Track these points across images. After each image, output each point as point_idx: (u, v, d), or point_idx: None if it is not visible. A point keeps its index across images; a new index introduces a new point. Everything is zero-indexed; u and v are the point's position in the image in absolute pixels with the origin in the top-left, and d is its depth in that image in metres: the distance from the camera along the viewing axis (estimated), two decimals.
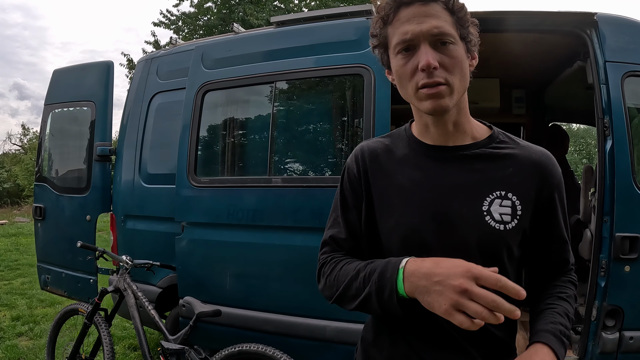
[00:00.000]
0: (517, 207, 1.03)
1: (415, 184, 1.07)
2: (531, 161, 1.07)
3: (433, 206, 1.04)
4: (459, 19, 0.98)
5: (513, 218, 1.03)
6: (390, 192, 1.10)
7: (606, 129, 2.46)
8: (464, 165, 1.06)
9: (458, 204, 1.03)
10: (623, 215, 2.41)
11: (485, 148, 1.07)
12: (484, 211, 1.02)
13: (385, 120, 2.62)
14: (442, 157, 1.07)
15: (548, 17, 2.65)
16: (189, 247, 3.05)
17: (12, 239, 10.69)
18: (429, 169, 1.07)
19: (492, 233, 1.02)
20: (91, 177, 3.68)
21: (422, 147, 1.10)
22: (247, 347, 2.53)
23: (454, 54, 0.97)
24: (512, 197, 1.03)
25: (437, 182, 1.05)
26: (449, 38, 0.96)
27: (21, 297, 5.71)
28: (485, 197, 1.03)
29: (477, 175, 1.05)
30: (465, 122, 1.08)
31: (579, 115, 5.05)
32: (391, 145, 1.15)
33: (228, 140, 3.23)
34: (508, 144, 1.09)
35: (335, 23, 2.87)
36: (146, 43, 17.32)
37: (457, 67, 0.97)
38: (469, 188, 1.04)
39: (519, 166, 1.06)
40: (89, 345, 3.12)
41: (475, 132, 1.10)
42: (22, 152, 28.50)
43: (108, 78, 3.74)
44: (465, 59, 1.00)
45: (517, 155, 1.07)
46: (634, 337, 2.45)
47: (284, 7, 14.08)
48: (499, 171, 1.05)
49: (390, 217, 1.08)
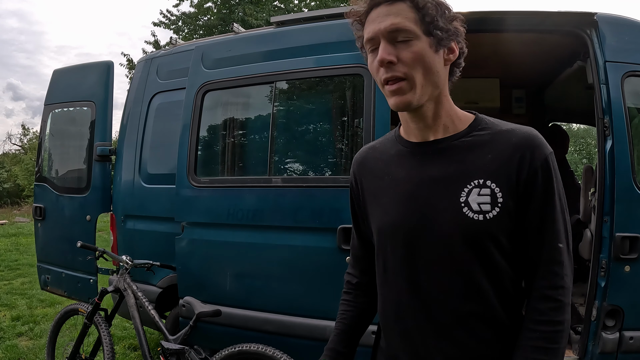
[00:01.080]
0: (497, 194, 1.00)
1: (399, 182, 1.10)
2: (511, 144, 1.02)
3: (414, 202, 1.06)
4: (424, 15, 1.00)
5: (494, 207, 1.00)
6: (378, 192, 1.15)
7: (606, 129, 2.46)
8: (443, 158, 1.05)
9: (437, 198, 1.03)
10: (623, 215, 2.41)
11: (464, 138, 1.06)
12: (462, 202, 1.01)
13: (385, 120, 2.61)
14: (422, 153, 1.08)
15: (548, 17, 2.64)
16: (189, 247, 3.05)
17: (12, 239, 10.69)
18: (412, 166, 1.09)
19: (472, 224, 1.00)
20: (91, 177, 3.68)
21: (407, 145, 1.12)
22: (247, 347, 2.53)
23: (413, 49, 0.99)
24: (492, 184, 1.00)
25: (417, 178, 1.07)
26: (407, 34, 0.99)
27: (21, 297, 5.71)
28: (463, 188, 1.02)
29: (455, 167, 1.04)
30: (444, 115, 1.07)
31: (579, 115, 5.05)
32: (381, 148, 1.19)
33: (228, 140, 3.23)
34: (489, 130, 1.06)
35: (335, 23, 2.87)
36: (146, 43, 17.36)
37: (418, 62, 0.99)
38: (446, 181, 1.03)
39: (498, 151, 1.02)
40: (89, 345, 3.12)
41: (457, 123, 1.08)
42: (22, 152, 28.50)
43: (108, 78, 3.74)
44: (429, 53, 1.00)
45: (496, 140, 1.03)
46: (634, 337, 2.45)
47: (284, 7, 14.09)
48: (478, 160, 1.03)
49: (377, 216, 1.14)
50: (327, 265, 2.68)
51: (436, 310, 1.04)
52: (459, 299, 1.02)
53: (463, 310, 1.03)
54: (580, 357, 2.53)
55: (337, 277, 2.64)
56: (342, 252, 2.61)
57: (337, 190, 2.69)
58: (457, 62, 1.07)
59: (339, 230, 2.62)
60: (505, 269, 1.03)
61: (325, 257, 2.68)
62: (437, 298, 1.04)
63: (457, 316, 1.03)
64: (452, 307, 1.03)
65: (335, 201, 2.68)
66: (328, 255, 2.66)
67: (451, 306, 1.03)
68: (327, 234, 2.66)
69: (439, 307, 1.04)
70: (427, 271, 1.05)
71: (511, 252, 1.03)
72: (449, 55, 1.04)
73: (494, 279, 1.02)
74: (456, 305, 1.03)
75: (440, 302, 1.04)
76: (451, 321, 1.03)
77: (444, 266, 1.03)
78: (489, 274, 1.02)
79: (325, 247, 2.67)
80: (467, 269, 1.01)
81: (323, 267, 2.69)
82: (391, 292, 1.12)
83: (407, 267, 1.07)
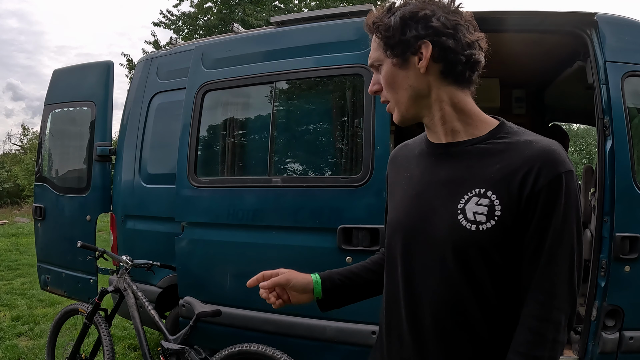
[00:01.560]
0: (496, 207, 0.95)
1: (413, 181, 1.11)
2: (523, 156, 0.95)
3: (419, 202, 1.06)
4: (382, 38, 1.03)
5: (489, 219, 0.95)
6: (396, 188, 1.17)
7: (606, 129, 2.46)
8: (453, 162, 1.04)
9: (439, 201, 1.02)
10: (623, 215, 2.41)
11: (480, 144, 1.02)
12: (459, 209, 0.98)
13: (385, 121, 2.61)
14: (436, 154, 1.08)
15: (548, 17, 2.64)
16: (189, 247, 3.05)
17: (12, 239, 10.68)
18: (426, 166, 1.09)
19: (462, 232, 0.97)
20: (91, 177, 3.68)
21: (428, 146, 1.12)
22: (247, 347, 2.54)
23: (382, 74, 1.05)
24: (492, 195, 0.96)
25: (427, 178, 1.07)
26: (376, 63, 1.06)
27: (21, 297, 5.71)
28: (463, 195, 0.99)
29: (461, 172, 1.01)
30: (452, 120, 1.04)
31: (579, 115, 5.05)
32: (411, 146, 1.20)
33: (228, 140, 3.23)
34: (508, 139, 1.00)
35: (335, 23, 2.87)
36: (146, 43, 17.34)
37: (388, 85, 1.05)
38: (451, 185, 1.02)
39: (508, 162, 0.96)
40: (89, 345, 3.12)
41: (475, 128, 1.04)
42: (22, 152, 28.49)
43: (108, 78, 3.74)
44: (394, 72, 1.03)
45: (510, 150, 0.98)
46: (634, 337, 2.45)
47: (284, 7, 14.08)
48: (485, 168, 0.98)
49: (390, 210, 1.17)
50: (327, 266, 2.65)
51: (422, 312, 1.04)
52: (443, 306, 1.01)
53: (445, 318, 1.01)
54: (580, 357, 2.53)
55: None
56: (342, 252, 2.61)
57: (337, 190, 2.69)
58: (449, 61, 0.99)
59: (339, 230, 2.62)
60: (493, 284, 0.97)
61: (325, 257, 2.68)
62: (425, 300, 1.03)
63: (439, 322, 1.01)
64: (436, 312, 1.02)
65: (335, 201, 2.68)
66: (328, 255, 2.66)
67: (435, 311, 1.02)
68: (327, 234, 2.66)
69: (425, 309, 1.03)
70: (420, 272, 1.04)
71: (503, 268, 0.97)
72: (421, 63, 0.99)
73: (478, 292, 0.98)
74: (440, 312, 1.01)
75: (427, 305, 1.03)
76: (432, 326, 1.02)
77: (433, 270, 1.02)
78: (474, 286, 0.98)
79: (325, 247, 2.67)
80: (453, 278, 0.99)
81: (323, 267, 2.66)
82: (389, 284, 1.14)
83: (404, 264, 1.08)
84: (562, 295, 0.93)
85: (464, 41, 0.99)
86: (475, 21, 1.02)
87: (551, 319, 0.93)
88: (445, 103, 1.03)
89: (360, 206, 2.61)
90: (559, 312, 0.93)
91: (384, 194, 2.58)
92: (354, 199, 2.62)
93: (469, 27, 1.00)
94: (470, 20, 1.01)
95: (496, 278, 0.97)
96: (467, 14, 1.01)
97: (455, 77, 1.02)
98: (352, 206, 2.63)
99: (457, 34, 0.98)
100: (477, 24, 1.03)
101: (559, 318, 0.93)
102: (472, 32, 1.00)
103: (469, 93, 1.05)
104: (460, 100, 1.03)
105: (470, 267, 0.97)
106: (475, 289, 0.98)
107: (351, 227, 2.61)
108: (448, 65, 1.00)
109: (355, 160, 2.76)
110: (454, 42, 0.98)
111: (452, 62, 1.00)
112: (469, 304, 0.98)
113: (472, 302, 0.98)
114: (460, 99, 1.03)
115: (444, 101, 1.03)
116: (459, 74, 1.01)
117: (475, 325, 0.99)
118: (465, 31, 0.99)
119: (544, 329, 0.92)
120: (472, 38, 1.00)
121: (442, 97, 1.03)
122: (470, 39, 0.99)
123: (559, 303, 0.93)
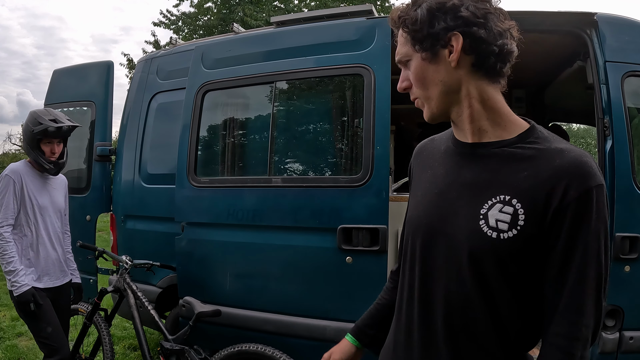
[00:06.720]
0: (520, 216, 0.91)
1: (437, 179, 1.07)
2: (552, 166, 0.90)
3: (440, 202, 1.03)
4: (409, 32, 0.99)
5: (511, 228, 0.91)
6: (418, 184, 1.14)
7: (606, 129, 2.46)
8: (479, 163, 0.99)
9: (462, 203, 0.99)
10: (623, 215, 2.41)
11: (508, 147, 0.97)
12: (481, 214, 0.95)
13: (385, 120, 2.62)
14: (461, 153, 1.04)
15: (548, 17, 2.65)
16: (189, 247, 3.05)
17: None
18: (450, 165, 1.05)
19: (482, 238, 0.93)
20: (91, 177, 3.68)
21: (454, 144, 1.07)
22: (247, 347, 2.54)
23: (412, 70, 1.02)
24: (517, 204, 0.91)
25: (450, 179, 1.03)
26: (404, 59, 1.02)
27: None
28: (487, 200, 0.95)
29: (487, 176, 0.97)
30: (481, 118, 0.99)
31: (579, 115, 5.05)
32: (438, 141, 1.16)
33: (228, 140, 3.23)
34: (537, 145, 0.95)
35: (335, 23, 2.87)
36: (146, 43, 17.34)
37: (417, 80, 1.01)
38: (475, 188, 0.98)
39: (536, 170, 0.91)
40: (89, 345, 3.12)
41: (504, 130, 0.99)
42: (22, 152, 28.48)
43: (108, 78, 3.74)
44: (423, 67, 0.99)
45: (539, 157, 0.93)
46: (634, 337, 2.45)
47: (284, 7, 14.07)
48: (512, 174, 0.94)
49: (410, 207, 1.14)
50: (327, 266, 2.68)
51: (435, 315, 1.02)
52: (456, 311, 0.98)
53: (456, 324, 0.98)
54: None
55: (337, 277, 2.65)
56: (342, 252, 2.61)
57: (337, 190, 2.68)
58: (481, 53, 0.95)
59: (339, 230, 2.62)
60: (506, 295, 0.94)
61: (325, 257, 2.68)
62: (438, 303, 1.01)
63: (449, 328, 0.99)
64: (448, 316, 0.99)
65: (335, 201, 2.68)
66: (328, 256, 2.66)
67: (447, 315, 1.00)
68: (327, 234, 2.66)
69: (437, 312, 1.01)
70: (436, 273, 1.02)
71: (518, 279, 0.94)
72: (452, 56, 0.95)
73: (490, 302, 0.95)
74: (451, 317, 0.99)
75: (439, 307, 1.01)
76: (443, 330, 1.00)
77: (449, 273, 0.99)
78: (486, 295, 0.95)
79: (325, 247, 2.67)
80: (467, 284, 0.96)
81: (323, 267, 2.69)
82: (405, 283, 1.11)
83: (421, 263, 1.05)
84: (590, 312, 0.91)
85: (496, 30, 0.94)
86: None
87: (580, 338, 0.90)
88: (475, 99, 0.99)
89: (360, 206, 2.61)
90: (587, 330, 0.91)
91: (384, 194, 2.58)
92: (354, 199, 2.62)
93: (499, 15, 0.95)
94: (499, 7, 0.96)
95: (510, 289, 0.94)
96: (495, 0, 0.97)
97: (486, 70, 0.97)
98: (352, 206, 2.63)
99: (488, 23, 0.93)
100: (506, 12, 0.97)
101: (587, 335, 0.91)
102: (502, 20, 0.95)
103: (499, 87, 1.00)
104: (490, 97, 0.99)
105: (485, 274, 0.94)
106: (487, 298, 0.95)
107: (351, 227, 2.61)
108: (480, 57, 0.95)
109: (355, 160, 2.76)
110: (485, 32, 0.93)
111: (484, 54, 0.95)
112: (481, 313, 0.96)
113: (485, 312, 0.96)
114: (490, 95, 0.99)
115: (474, 97, 0.98)
116: (490, 67, 0.97)
117: (486, 336, 0.97)
118: (497, 19, 0.94)
119: (573, 348, 0.90)
120: (504, 26, 0.95)
121: (472, 92, 0.98)
122: (502, 28, 0.94)
123: (587, 321, 0.91)
